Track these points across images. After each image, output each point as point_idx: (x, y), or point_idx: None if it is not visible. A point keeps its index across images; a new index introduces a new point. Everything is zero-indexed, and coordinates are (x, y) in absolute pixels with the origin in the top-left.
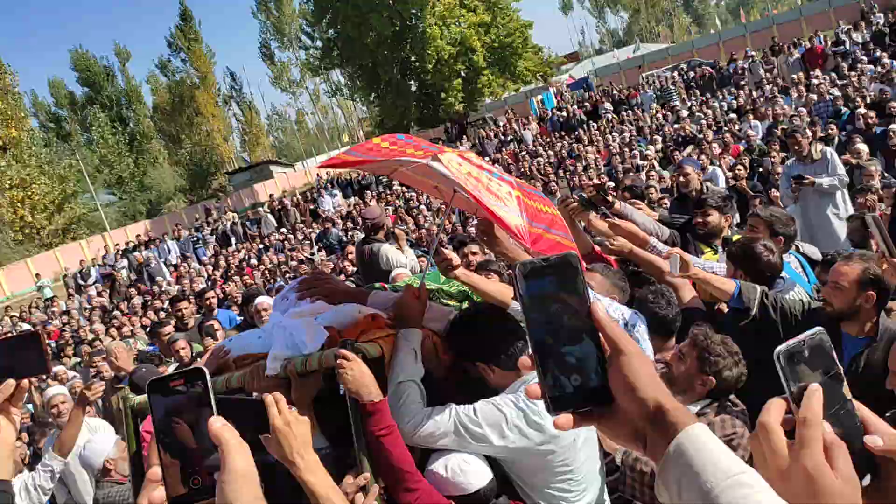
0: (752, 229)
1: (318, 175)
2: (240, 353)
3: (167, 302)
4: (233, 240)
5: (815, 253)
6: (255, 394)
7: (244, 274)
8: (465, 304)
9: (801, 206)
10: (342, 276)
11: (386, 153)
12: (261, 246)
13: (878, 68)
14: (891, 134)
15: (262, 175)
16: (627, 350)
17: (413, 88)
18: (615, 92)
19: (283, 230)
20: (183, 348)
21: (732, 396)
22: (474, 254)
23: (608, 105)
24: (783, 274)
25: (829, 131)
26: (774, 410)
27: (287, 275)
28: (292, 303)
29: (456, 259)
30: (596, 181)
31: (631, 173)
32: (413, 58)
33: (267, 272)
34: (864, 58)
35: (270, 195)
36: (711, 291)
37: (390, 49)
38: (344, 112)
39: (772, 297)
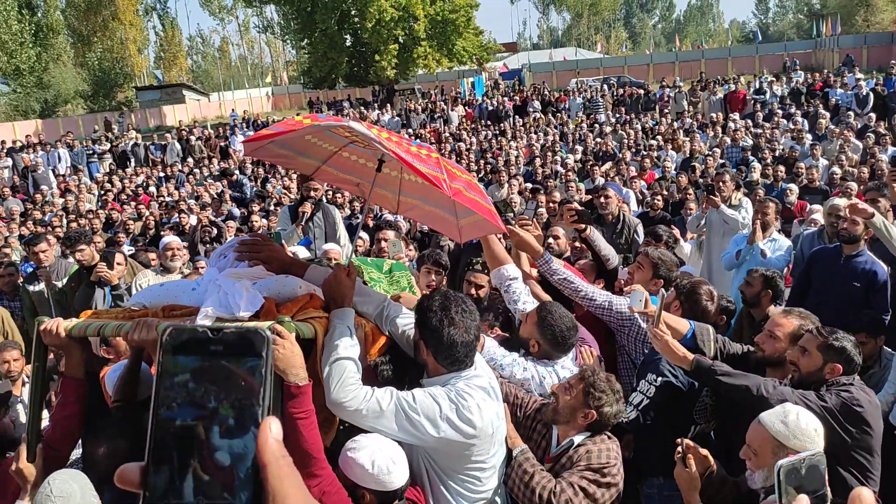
0: (638, 266)
1: (233, 110)
2: (170, 303)
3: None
4: (132, 161)
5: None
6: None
7: (139, 201)
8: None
9: (706, 246)
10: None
11: (308, 124)
12: (161, 174)
13: (790, 124)
14: (787, 192)
15: (174, 98)
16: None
17: (348, 43)
18: (546, 92)
19: (190, 161)
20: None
21: (608, 432)
22: (386, 240)
23: (537, 104)
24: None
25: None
26: None
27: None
28: (230, 262)
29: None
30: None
31: (550, 180)
32: (353, 12)
33: (165, 204)
34: (780, 111)
35: (179, 121)
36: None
37: None
38: (272, 51)
39: (720, 340)
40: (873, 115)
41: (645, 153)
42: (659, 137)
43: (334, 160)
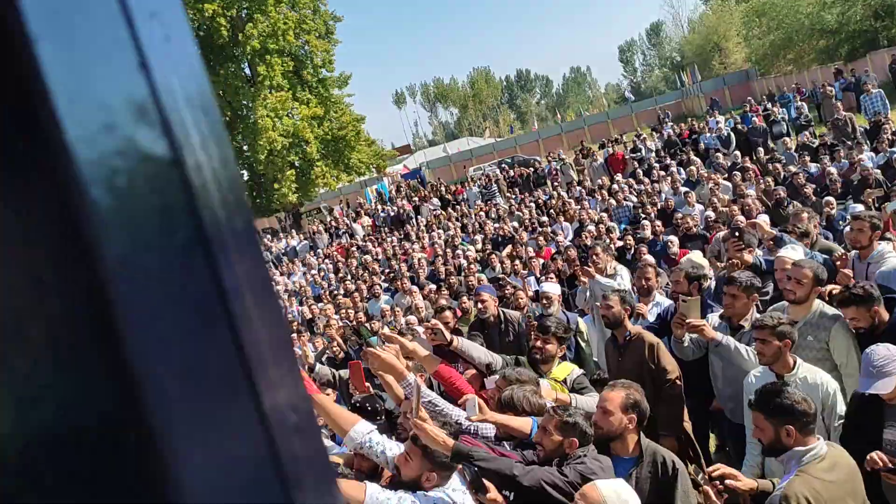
0: (489, 397)
1: None
2: None
3: None
4: None
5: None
6: None
7: None
8: None
9: (595, 316)
10: None
11: None
12: None
13: (668, 176)
14: (669, 244)
15: None
16: None
17: (245, 178)
18: (442, 188)
19: None
20: None
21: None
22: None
23: (435, 201)
24: None
25: (627, 241)
26: None
27: None
28: None
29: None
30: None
31: (452, 276)
32: (245, 147)
33: None
34: (657, 164)
35: None
36: (511, 433)
37: None
38: None
39: None
40: (738, 153)
41: (539, 230)
42: (552, 211)
43: None
